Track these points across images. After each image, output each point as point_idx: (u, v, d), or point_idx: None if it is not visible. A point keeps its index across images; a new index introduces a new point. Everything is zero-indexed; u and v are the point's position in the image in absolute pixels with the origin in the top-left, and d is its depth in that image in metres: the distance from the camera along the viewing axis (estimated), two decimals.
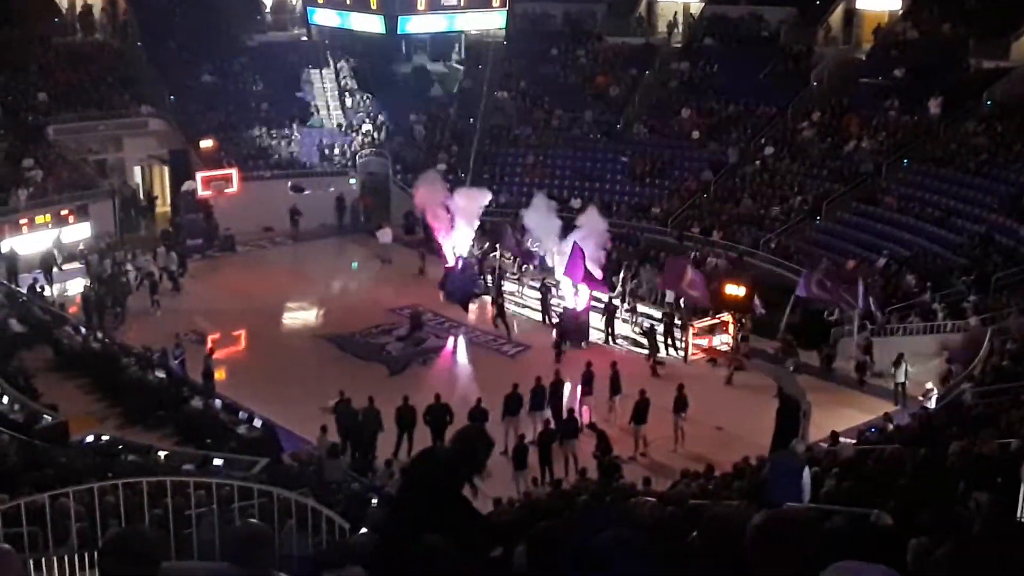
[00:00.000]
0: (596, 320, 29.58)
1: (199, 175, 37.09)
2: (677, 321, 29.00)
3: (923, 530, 7.02)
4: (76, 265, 33.33)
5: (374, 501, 16.89)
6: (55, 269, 32.81)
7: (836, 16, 41.80)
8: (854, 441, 19.89)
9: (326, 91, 43.13)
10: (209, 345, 26.77)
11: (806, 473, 12.45)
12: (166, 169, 39.94)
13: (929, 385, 23.83)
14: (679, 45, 43.89)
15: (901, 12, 40.21)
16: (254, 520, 7.26)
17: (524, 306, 31.94)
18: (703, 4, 44.24)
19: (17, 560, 3.25)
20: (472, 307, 31.75)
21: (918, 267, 29.29)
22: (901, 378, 25.14)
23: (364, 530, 8.32)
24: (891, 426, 20.52)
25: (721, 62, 41.59)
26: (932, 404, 22.74)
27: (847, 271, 29.56)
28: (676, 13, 45.09)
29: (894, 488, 10.98)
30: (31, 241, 33.20)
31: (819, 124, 37.27)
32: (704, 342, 28.37)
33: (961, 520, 7.98)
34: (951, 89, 35.39)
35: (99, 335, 27.43)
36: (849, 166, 35.05)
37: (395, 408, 22.65)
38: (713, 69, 41.52)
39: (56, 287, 32.05)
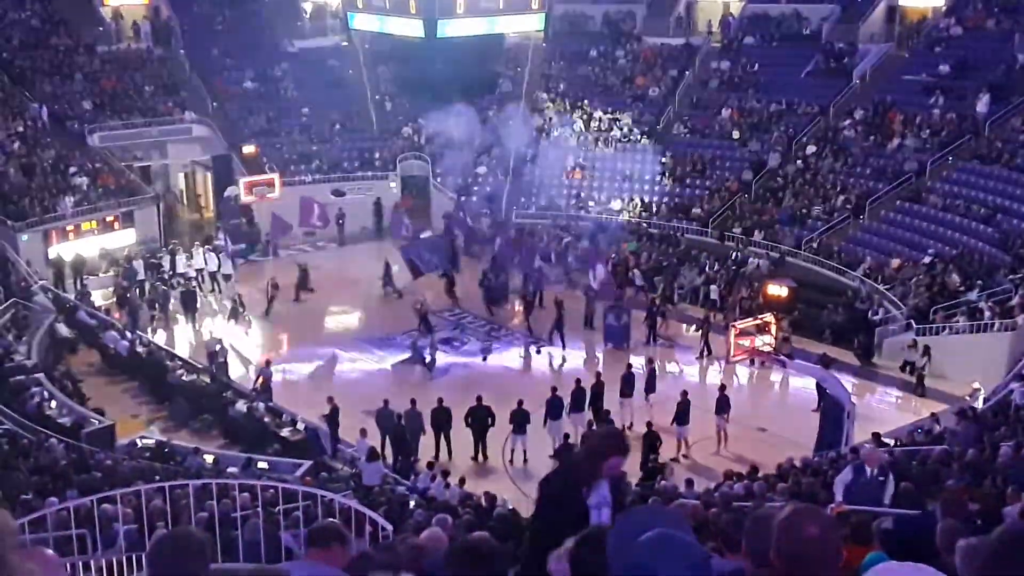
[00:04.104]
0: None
1: (242, 180, 37.46)
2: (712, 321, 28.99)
3: (973, 531, 6.91)
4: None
5: (412, 503, 16.93)
6: (96, 275, 33.29)
7: (878, 12, 41.28)
8: (894, 443, 19.73)
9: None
10: (265, 357, 26.87)
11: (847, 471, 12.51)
12: (209, 175, 40.39)
13: (976, 385, 23.49)
14: (719, 44, 43.62)
15: (945, 7, 39.67)
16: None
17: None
18: (743, 3, 43.92)
19: (61, 565, 3.27)
20: (508, 308, 31.85)
21: (964, 265, 28.90)
22: (922, 365, 25.40)
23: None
24: (938, 427, 20.27)
25: (762, 61, 41.30)
26: (979, 404, 22.44)
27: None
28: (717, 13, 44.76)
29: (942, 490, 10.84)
30: (78, 248, 33.62)
31: (862, 122, 36.88)
32: (747, 342, 28.14)
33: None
34: (997, 85, 34.90)
35: (144, 339, 27.76)
36: (893, 164, 34.63)
37: (431, 410, 22.74)
38: (754, 68, 41.23)
39: (99, 292, 32.44)
